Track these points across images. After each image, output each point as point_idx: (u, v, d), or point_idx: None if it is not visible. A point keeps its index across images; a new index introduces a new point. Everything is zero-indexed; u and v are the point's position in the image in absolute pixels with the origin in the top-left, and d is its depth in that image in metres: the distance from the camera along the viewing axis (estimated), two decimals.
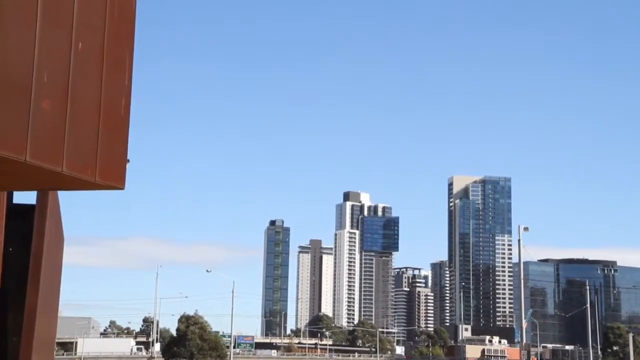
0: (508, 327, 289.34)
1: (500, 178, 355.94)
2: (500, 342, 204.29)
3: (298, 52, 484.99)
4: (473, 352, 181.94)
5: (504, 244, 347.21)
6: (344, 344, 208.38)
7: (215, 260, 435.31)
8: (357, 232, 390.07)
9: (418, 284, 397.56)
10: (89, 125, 5.17)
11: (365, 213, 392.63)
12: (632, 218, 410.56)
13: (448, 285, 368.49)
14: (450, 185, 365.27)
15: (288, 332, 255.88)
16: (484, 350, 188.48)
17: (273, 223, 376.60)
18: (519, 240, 70.64)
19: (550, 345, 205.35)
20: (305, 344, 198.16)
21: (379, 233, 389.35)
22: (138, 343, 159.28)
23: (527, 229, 70.75)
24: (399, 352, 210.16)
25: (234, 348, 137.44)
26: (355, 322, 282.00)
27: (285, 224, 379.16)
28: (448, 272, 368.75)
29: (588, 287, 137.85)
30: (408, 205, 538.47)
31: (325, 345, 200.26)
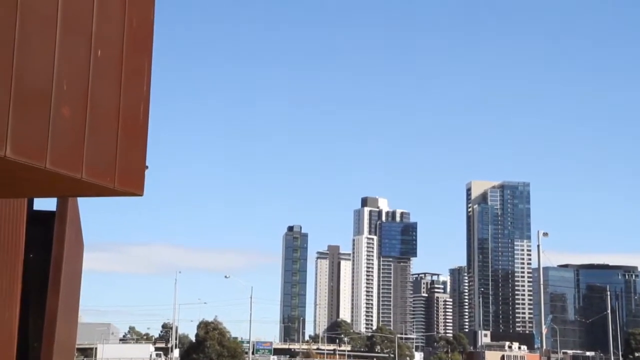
0: (528, 333, 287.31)
1: (519, 183, 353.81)
2: (520, 348, 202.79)
3: (316, 57, 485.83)
4: (492, 358, 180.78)
5: (523, 249, 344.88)
6: (363, 350, 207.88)
7: (234, 267, 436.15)
8: (375, 237, 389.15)
9: (436, 290, 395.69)
10: (108, 132, 5.22)
11: (383, 218, 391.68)
12: None
13: (467, 291, 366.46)
14: (469, 191, 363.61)
15: (306, 338, 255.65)
16: (504, 356, 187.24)
17: (291, 229, 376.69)
18: (539, 246, 70.14)
19: (571, 352, 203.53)
20: (324, 350, 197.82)
21: (397, 239, 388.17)
22: (157, 349, 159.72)
23: (546, 234, 70.25)
24: (418, 358, 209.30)
25: (253, 354, 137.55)
26: (374, 328, 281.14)
27: (303, 230, 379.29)
28: (467, 277, 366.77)
29: (609, 292, 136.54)
30: (426, 211, 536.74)
31: (344, 351, 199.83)
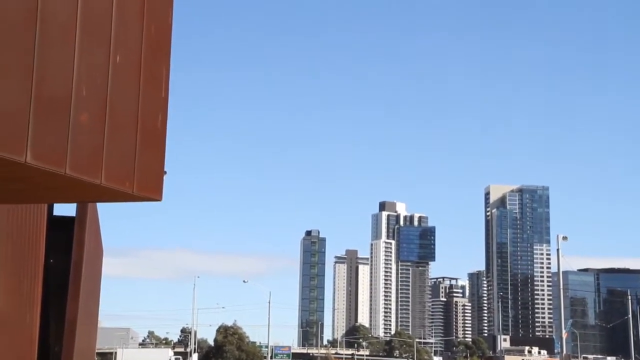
0: (548, 337, 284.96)
1: (538, 187, 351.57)
2: (540, 352, 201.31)
3: (332, 61, 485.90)
4: None
5: (543, 254, 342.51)
6: (381, 355, 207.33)
7: (252, 271, 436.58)
8: (393, 242, 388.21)
9: (455, 294, 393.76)
10: (127, 138, 5.25)
11: (402, 223, 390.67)
12: None
13: (486, 295, 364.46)
14: (487, 195, 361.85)
15: (325, 342, 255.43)
16: None
17: (309, 233, 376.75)
18: (558, 250, 69.59)
19: (591, 356, 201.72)
20: (342, 355, 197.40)
21: (416, 243, 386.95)
22: (176, 353, 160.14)
23: (565, 238, 69.68)
24: None
25: (271, 358, 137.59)
26: (392, 332, 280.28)
27: (321, 234, 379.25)
28: (486, 282, 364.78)
29: (630, 296, 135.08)
30: (444, 215, 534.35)
31: (362, 356, 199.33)
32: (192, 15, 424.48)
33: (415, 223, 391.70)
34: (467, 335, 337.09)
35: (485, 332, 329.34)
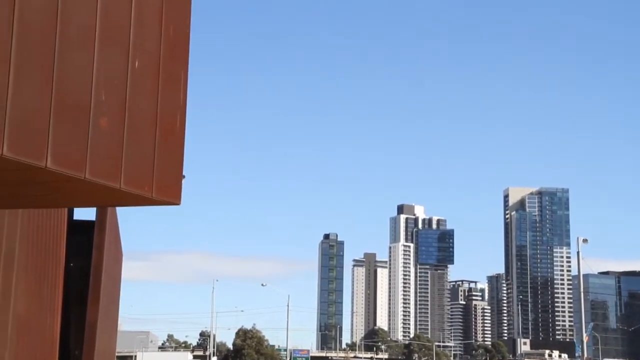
0: (568, 341, 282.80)
1: (558, 189, 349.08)
2: (561, 356, 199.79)
3: (349, 65, 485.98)
4: None
5: (563, 256, 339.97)
6: (400, 358, 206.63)
7: (271, 275, 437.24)
8: (411, 245, 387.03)
9: (474, 297, 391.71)
10: (146, 142, 5.25)
11: (420, 226, 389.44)
12: None
13: (505, 299, 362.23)
14: (506, 197, 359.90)
15: (343, 345, 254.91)
16: None
17: (327, 237, 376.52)
18: (578, 253, 69.02)
19: None
20: (361, 358, 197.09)
21: (434, 246, 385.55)
22: (195, 357, 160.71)
23: (586, 241, 69.12)
24: None
25: None
26: (411, 335, 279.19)
27: (340, 238, 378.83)
28: (505, 285, 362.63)
29: None
30: (463, 218, 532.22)
31: (381, 359, 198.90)
32: (210, 18, 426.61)
33: (434, 226, 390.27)
34: (486, 339, 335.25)
35: (505, 335, 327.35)
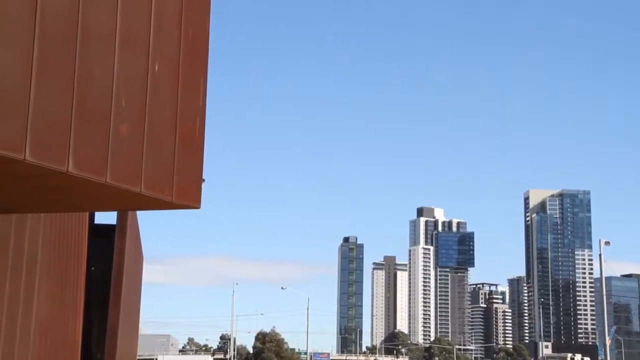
0: (590, 344, 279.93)
1: (579, 191, 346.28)
2: (583, 359, 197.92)
3: (370, 70, 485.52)
4: None
5: (584, 259, 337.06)
6: None
7: (290, 278, 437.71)
8: (431, 248, 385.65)
9: (495, 300, 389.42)
10: (166, 147, 5.29)
11: (440, 229, 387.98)
12: None
13: (526, 301, 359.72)
14: (527, 200, 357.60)
15: (363, 349, 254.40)
16: None
17: (347, 240, 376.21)
18: (600, 255, 68.42)
19: None
20: None
21: (454, 249, 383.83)
22: None
23: (608, 243, 68.50)
24: None
25: None
26: (432, 339, 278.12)
27: (359, 241, 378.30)
28: (526, 287, 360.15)
29: None
30: (483, 221, 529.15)
31: None
32: (230, 21, 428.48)
33: (454, 229, 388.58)
34: (507, 342, 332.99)
35: (526, 338, 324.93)
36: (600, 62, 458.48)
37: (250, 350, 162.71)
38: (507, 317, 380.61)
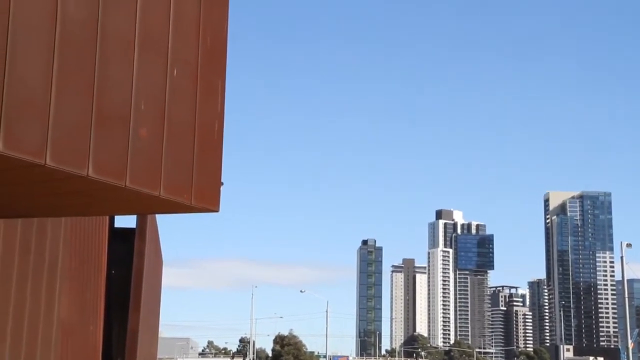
0: (613, 347, 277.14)
1: (600, 193, 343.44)
2: None
3: (391, 72, 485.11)
4: None
5: (606, 261, 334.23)
6: None
7: (309, 281, 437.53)
8: (450, 250, 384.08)
9: (515, 303, 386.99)
10: (184, 150, 5.32)
11: (459, 231, 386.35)
12: None
13: (547, 304, 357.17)
14: (547, 201, 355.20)
15: (383, 352, 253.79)
16: None
17: (365, 243, 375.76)
18: (622, 257, 67.77)
19: None
20: None
21: (473, 251, 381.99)
22: None
23: (630, 245, 67.85)
24: None
25: None
26: (451, 342, 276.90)
27: (378, 244, 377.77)
28: (547, 290, 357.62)
29: None
30: (502, 223, 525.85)
31: None
32: (248, 26, 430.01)
33: (473, 231, 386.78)
34: (528, 345, 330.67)
35: (547, 341, 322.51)
36: (623, 62, 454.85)
37: (270, 354, 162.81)
38: (527, 320, 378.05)
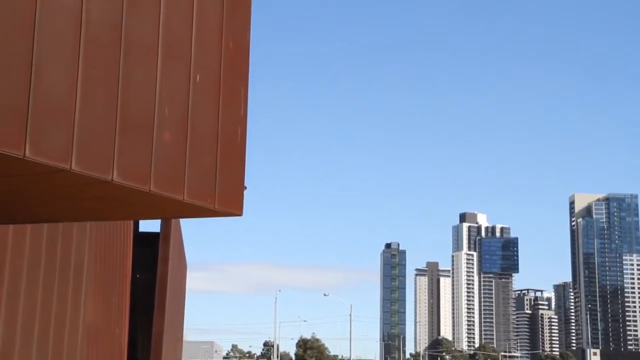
0: None
1: (626, 195, 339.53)
2: None
3: (412, 78, 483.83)
4: None
5: (633, 264, 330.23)
6: None
7: (333, 284, 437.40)
8: (474, 253, 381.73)
9: (541, 306, 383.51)
10: (208, 155, 5.35)
11: (483, 234, 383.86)
12: None
13: (573, 308, 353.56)
14: (572, 204, 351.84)
15: (407, 355, 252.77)
16: None
17: (389, 246, 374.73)
18: None
19: None
20: None
21: (498, 254, 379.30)
22: None
23: None
24: None
25: None
26: (476, 345, 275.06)
27: (401, 247, 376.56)
28: (572, 293, 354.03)
29: None
30: (527, 226, 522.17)
31: None
32: (271, 31, 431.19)
33: (497, 234, 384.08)
34: (554, 349, 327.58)
35: (574, 345, 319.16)
36: None
37: (293, 358, 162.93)
38: (553, 323, 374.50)
